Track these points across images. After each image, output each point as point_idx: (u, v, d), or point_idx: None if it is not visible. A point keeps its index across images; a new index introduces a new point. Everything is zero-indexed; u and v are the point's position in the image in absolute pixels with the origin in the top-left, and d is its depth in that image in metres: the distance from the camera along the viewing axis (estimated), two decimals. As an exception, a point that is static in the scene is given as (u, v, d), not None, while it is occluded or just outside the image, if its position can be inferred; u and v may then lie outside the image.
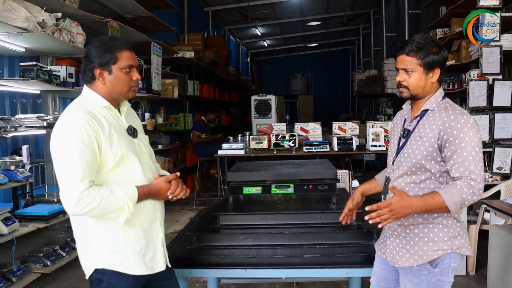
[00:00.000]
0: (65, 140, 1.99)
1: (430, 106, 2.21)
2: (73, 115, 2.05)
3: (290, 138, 6.96)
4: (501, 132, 5.57)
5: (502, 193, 4.69)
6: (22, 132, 4.44)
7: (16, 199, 4.64)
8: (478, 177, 2.02)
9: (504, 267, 3.57)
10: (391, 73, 12.74)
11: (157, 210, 2.27)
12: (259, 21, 16.85)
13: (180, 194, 2.26)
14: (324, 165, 3.32)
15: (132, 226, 2.13)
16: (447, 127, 2.08)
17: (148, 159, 2.31)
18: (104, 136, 2.04)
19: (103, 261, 2.11)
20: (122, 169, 2.11)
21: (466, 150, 2.04)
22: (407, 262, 2.21)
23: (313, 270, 2.64)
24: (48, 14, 4.53)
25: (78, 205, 1.94)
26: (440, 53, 2.17)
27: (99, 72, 2.11)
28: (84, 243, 2.17)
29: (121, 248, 2.12)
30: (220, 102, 13.90)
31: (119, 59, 2.11)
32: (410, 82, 2.18)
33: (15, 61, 5.22)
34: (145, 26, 7.64)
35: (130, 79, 2.16)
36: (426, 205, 2.05)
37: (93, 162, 2.01)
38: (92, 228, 2.10)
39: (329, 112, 21.00)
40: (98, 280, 2.13)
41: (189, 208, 7.84)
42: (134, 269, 2.15)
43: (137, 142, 2.25)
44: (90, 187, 1.97)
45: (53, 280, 4.59)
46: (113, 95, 2.17)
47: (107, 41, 2.15)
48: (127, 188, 2.06)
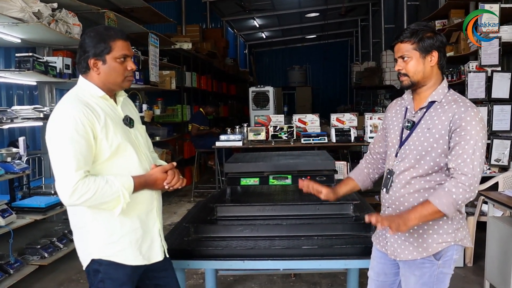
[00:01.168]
0: (60, 130, 1.98)
1: (437, 97, 2.17)
2: (68, 106, 2.04)
3: (288, 129, 6.94)
4: (500, 124, 5.55)
5: (500, 185, 4.69)
6: (18, 123, 4.41)
7: (13, 191, 4.63)
8: (470, 171, 2.00)
9: (502, 259, 3.57)
10: (390, 65, 12.70)
11: (154, 200, 2.27)
12: (257, 13, 16.79)
13: (176, 184, 2.25)
14: (322, 156, 3.32)
15: (129, 216, 2.13)
16: (456, 118, 2.06)
17: (145, 149, 2.29)
18: (99, 126, 2.03)
19: (99, 252, 2.11)
20: (118, 159, 2.10)
21: (469, 143, 2.02)
22: (410, 255, 2.19)
23: (311, 261, 2.64)
24: (43, 5, 4.48)
25: (73, 196, 1.94)
26: (436, 36, 2.14)
27: (93, 62, 2.10)
28: (81, 234, 2.17)
29: (118, 238, 2.12)
30: (218, 94, 13.86)
31: (113, 49, 2.10)
32: (408, 68, 2.16)
33: (11, 52, 5.18)
34: (143, 17, 7.58)
35: (124, 69, 2.15)
36: (421, 215, 2.03)
37: (88, 152, 2.00)
38: (88, 218, 2.10)
39: (327, 104, 20.96)
40: (95, 270, 2.13)
41: (187, 199, 7.83)
42: (131, 260, 2.15)
43: (133, 132, 2.23)
44: (85, 177, 1.96)
45: (50, 272, 4.59)
46: (107, 85, 2.15)
47: (101, 31, 2.13)
48: (123, 178, 2.05)
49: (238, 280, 4.36)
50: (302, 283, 4.26)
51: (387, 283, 2.41)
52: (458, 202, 2.01)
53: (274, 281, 4.31)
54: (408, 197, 2.19)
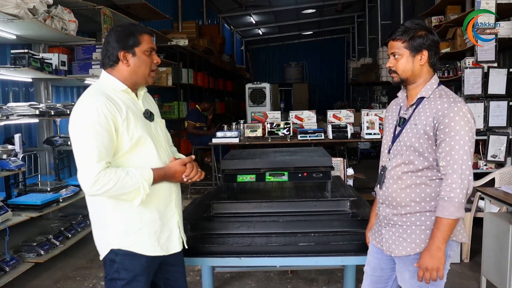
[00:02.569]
0: (83, 122, 2.04)
1: (425, 93, 2.20)
2: (91, 98, 2.09)
3: (284, 126, 6.92)
4: (496, 120, 5.55)
5: (496, 181, 4.69)
6: (14, 120, 4.39)
7: (8, 188, 4.60)
8: (459, 168, 2.03)
9: (498, 255, 3.58)
10: (386, 61, 12.61)
11: (173, 193, 2.31)
12: (253, 9, 16.76)
13: (195, 177, 2.31)
14: (319, 152, 3.31)
15: (148, 208, 2.18)
16: (440, 115, 2.08)
17: (164, 142, 2.36)
18: (121, 118, 2.08)
19: (119, 242, 2.17)
20: (138, 152, 2.15)
21: (455, 139, 2.04)
22: (404, 251, 2.21)
23: (307, 258, 2.64)
24: (39, 1, 4.45)
25: (95, 186, 1.99)
26: (427, 36, 2.16)
27: (123, 54, 2.16)
28: (101, 224, 2.22)
29: (137, 229, 2.17)
30: (214, 91, 13.85)
31: (142, 42, 2.18)
32: (398, 66, 2.19)
33: (7, 49, 5.16)
34: (139, 13, 7.56)
35: (151, 61, 2.22)
36: (442, 236, 2.06)
37: (110, 144, 2.05)
38: (109, 209, 2.16)
39: (324, 100, 20.96)
40: (111, 260, 2.18)
41: (184, 196, 7.67)
42: (149, 250, 2.20)
43: (153, 126, 2.29)
44: (107, 168, 2.01)
45: (46, 270, 4.57)
46: (135, 78, 2.22)
47: (128, 26, 2.24)
48: (143, 170, 2.10)
49: (235, 277, 4.35)
50: (299, 279, 4.26)
51: (383, 278, 2.43)
52: (461, 201, 2.04)
53: (271, 278, 4.30)
54: (400, 192, 2.21)
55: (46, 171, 5.53)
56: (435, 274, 2.07)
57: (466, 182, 2.04)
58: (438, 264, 2.06)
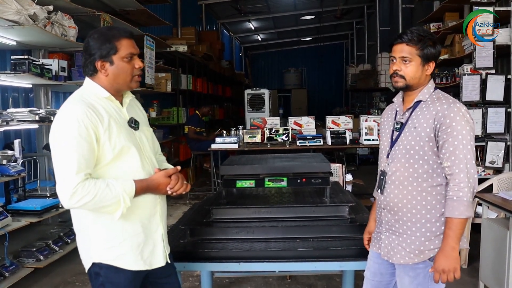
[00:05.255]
0: (63, 132, 1.96)
1: (423, 97, 2.22)
2: (71, 107, 2.01)
3: (283, 132, 6.94)
4: (494, 126, 5.58)
5: (494, 187, 4.70)
6: (14, 126, 4.40)
7: (8, 194, 4.61)
8: (464, 167, 2.05)
9: (496, 260, 3.59)
10: (385, 67, 12.75)
11: (158, 205, 2.22)
12: (252, 15, 16.82)
13: (180, 190, 2.21)
14: (318, 158, 3.32)
15: (130, 221, 2.10)
16: (440, 116, 2.10)
17: (149, 152, 2.25)
18: (102, 128, 2.00)
19: (100, 256, 2.09)
20: (120, 162, 2.07)
21: (457, 138, 2.06)
22: (402, 259, 2.22)
23: (306, 263, 2.65)
24: (39, 7, 4.48)
25: (72, 198, 1.91)
26: (436, 47, 2.20)
27: (101, 64, 2.08)
28: (82, 237, 2.15)
29: (119, 243, 2.09)
30: (213, 96, 13.87)
31: (119, 49, 2.08)
32: (407, 71, 2.19)
33: (7, 55, 5.17)
34: (138, 19, 7.59)
35: (132, 67, 2.13)
36: (454, 235, 2.06)
37: (90, 155, 1.98)
38: (90, 222, 2.08)
39: (322, 106, 20.96)
40: (96, 273, 2.11)
41: (183, 202, 7.83)
42: (131, 265, 2.12)
43: (138, 135, 2.20)
44: (86, 180, 1.93)
45: (46, 275, 4.58)
46: (116, 86, 2.13)
47: (104, 32, 2.12)
48: (124, 182, 2.02)
49: (234, 282, 4.35)
50: (297, 285, 4.26)
51: (382, 283, 2.43)
52: (470, 200, 2.05)
53: (269, 283, 4.31)
54: (402, 198, 2.21)
55: (45, 176, 5.53)
56: (452, 275, 2.07)
57: (472, 180, 2.06)
58: (455, 264, 2.06)
